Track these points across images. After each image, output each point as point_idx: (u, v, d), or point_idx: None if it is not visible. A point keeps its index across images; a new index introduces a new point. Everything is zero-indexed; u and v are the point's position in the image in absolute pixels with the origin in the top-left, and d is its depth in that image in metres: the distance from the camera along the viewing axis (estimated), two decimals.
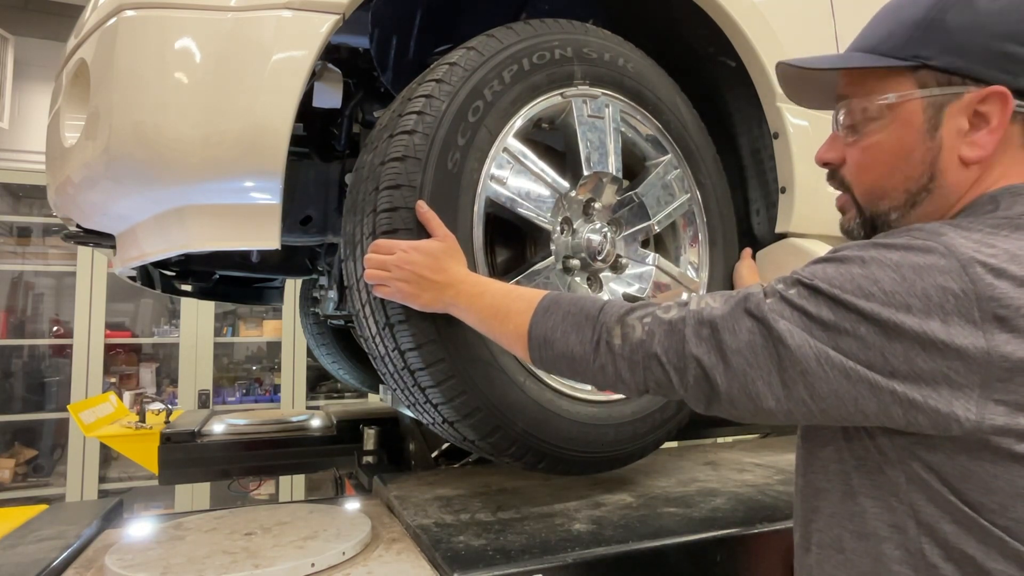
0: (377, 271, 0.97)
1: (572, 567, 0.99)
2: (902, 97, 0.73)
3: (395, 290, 0.97)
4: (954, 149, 0.71)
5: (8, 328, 3.75)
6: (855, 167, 0.78)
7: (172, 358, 3.92)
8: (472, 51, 1.11)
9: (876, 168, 0.76)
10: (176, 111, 1.01)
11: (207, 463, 2.07)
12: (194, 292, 1.97)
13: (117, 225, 1.22)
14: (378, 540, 1.14)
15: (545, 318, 0.81)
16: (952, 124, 0.71)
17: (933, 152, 0.72)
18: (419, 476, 1.56)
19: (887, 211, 0.76)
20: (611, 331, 0.74)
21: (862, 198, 0.78)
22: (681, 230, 1.38)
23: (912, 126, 0.72)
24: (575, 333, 0.78)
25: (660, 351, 0.70)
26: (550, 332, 0.80)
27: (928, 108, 0.72)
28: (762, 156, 1.49)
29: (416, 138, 1.04)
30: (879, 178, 0.76)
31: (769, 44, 1.38)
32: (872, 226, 0.78)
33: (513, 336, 0.85)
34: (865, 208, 0.78)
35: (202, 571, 0.97)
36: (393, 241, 0.98)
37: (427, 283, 0.95)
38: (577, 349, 0.77)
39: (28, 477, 3.72)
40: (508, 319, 0.86)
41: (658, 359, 0.70)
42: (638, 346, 0.72)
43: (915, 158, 0.73)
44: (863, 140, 0.76)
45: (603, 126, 1.23)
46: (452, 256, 0.98)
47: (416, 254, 0.96)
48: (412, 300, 0.97)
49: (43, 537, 1.18)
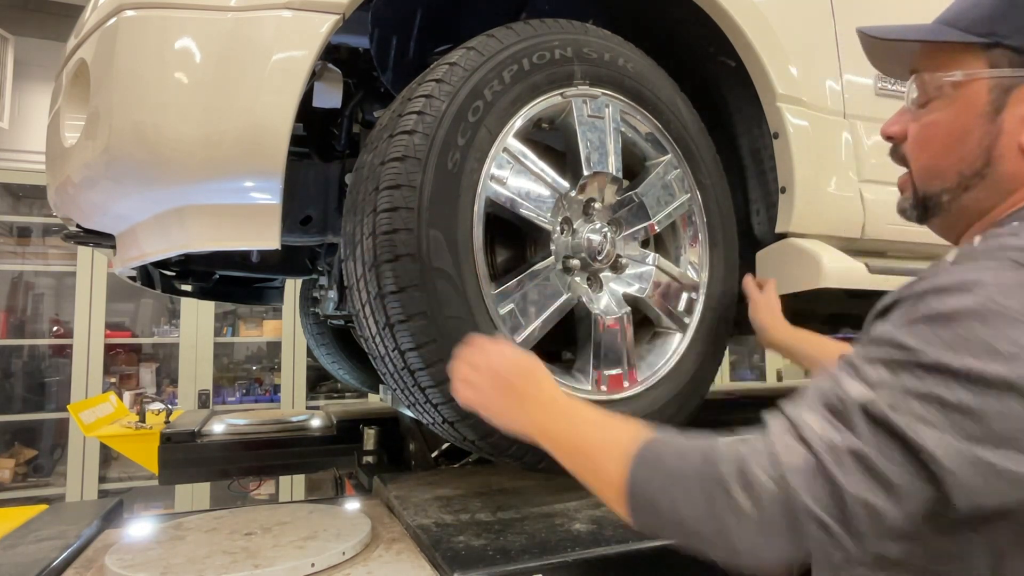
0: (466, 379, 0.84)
1: (572, 567, 0.99)
2: (968, 75, 0.69)
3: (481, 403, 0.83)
4: (1015, 136, 0.68)
5: (8, 328, 3.74)
6: (913, 143, 0.75)
7: (172, 358, 3.92)
8: (472, 51, 1.11)
9: (932, 146, 0.73)
10: (176, 111, 1.01)
11: (207, 463, 2.08)
12: (194, 292, 1.97)
13: (117, 225, 1.22)
14: (378, 540, 1.14)
15: (647, 475, 0.64)
16: (1017, 109, 0.67)
17: (991, 136, 0.69)
18: (419, 476, 1.56)
19: (939, 192, 0.73)
20: (731, 491, 0.57)
21: (917, 176, 0.75)
22: (681, 230, 1.38)
23: (973, 107, 0.69)
24: (684, 500, 0.60)
25: (811, 503, 0.54)
26: (655, 495, 0.63)
27: (994, 89, 0.68)
28: (762, 156, 1.49)
29: (416, 138, 1.04)
30: (934, 157, 0.73)
31: (769, 44, 1.38)
32: (924, 207, 0.75)
33: (607, 488, 0.68)
34: (919, 188, 0.75)
35: (202, 571, 0.97)
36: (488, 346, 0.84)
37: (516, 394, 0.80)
38: (691, 523, 0.59)
39: (28, 477, 3.72)
40: (598, 465, 0.69)
41: (812, 514, 0.54)
42: (776, 505, 0.55)
43: (971, 140, 0.70)
44: (925, 117, 0.74)
45: (603, 126, 1.23)
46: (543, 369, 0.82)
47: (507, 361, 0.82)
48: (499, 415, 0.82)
49: (43, 537, 1.18)
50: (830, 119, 1.48)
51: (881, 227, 1.49)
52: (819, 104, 1.47)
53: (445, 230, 1.04)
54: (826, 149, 1.45)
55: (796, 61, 1.43)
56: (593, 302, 1.21)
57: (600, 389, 1.19)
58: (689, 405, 1.31)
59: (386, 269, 1.02)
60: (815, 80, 1.47)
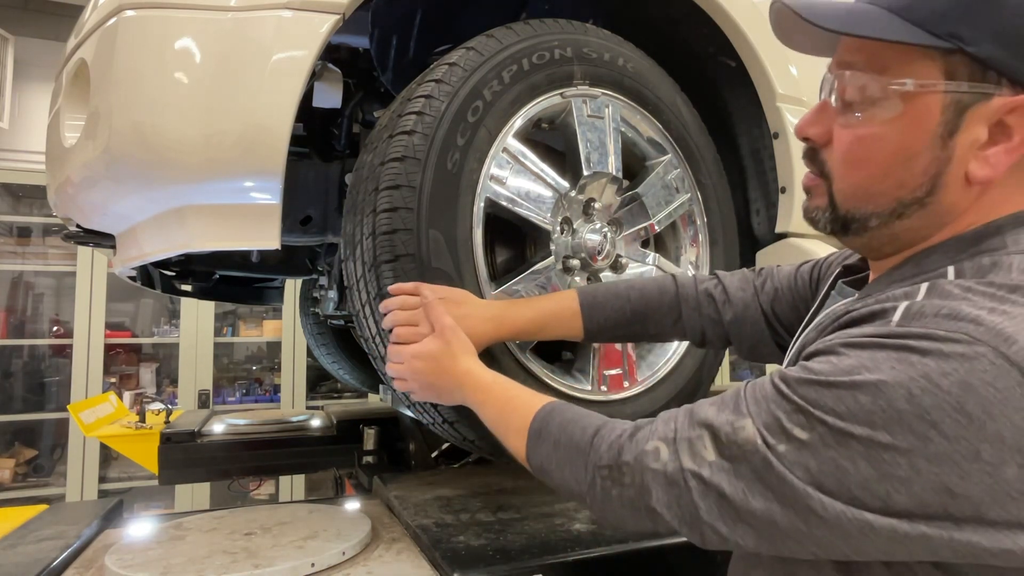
0: (398, 379, 0.95)
1: (572, 567, 0.99)
2: (922, 87, 0.57)
3: (420, 396, 0.95)
4: (963, 162, 0.58)
5: (8, 328, 3.74)
6: (842, 157, 0.63)
7: (172, 358, 3.92)
8: (471, 51, 1.11)
9: (867, 167, 0.62)
10: (176, 111, 1.01)
11: (207, 463, 2.08)
12: (194, 292, 1.97)
13: (117, 225, 1.22)
14: (378, 540, 1.14)
15: (538, 445, 0.73)
16: (970, 132, 0.57)
17: (940, 163, 0.58)
18: (419, 476, 1.56)
19: (867, 216, 0.63)
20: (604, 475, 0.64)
21: (841, 194, 0.64)
22: (681, 230, 1.38)
23: (924, 125, 0.58)
24: (568, 468, 0.68)
25: (663, 509, 0.58)
26: (545, 463, 0.72)
27: (949, 108, 0.57)
28: (762, 156, 1.49)
29: (416, 138, 1.04)
30: (869, 179, 0.62)
31: (769, 44, 1.38)
32: (844, 226, 0.65)
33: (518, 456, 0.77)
34: (841, 205, 0.64)
35: (202, 571, 0.97)
36: (399, 348, 0.94)
37: (438, 387, 0.91)
38: (574, 487, 0.68)
39: (28, 477, 3.72)
40: (508, 435, 0.79)
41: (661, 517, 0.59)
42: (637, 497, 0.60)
43: (917, 165, 0.59)
44: (860, 127, 0.61)
45: (603, 126, 1.23)
46: (453, 355, 0.90)
47: (418, 362, 0.91)
48: (439, 400, 0.93)
49: (43, 537, 1.18)
50: None
51: None
52: None
53: (445, 230, 1.04)
54: None
55: (796, 61, 1.43)
56: None
57: (600, 389, 1.19)
58: None
59: (386, 269, 1.02)
60: (815, 80, 1.47)
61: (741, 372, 4.93)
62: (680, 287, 1.03)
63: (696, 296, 1.02)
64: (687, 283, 1.03)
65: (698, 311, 1.01)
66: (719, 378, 3.44)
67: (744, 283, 1.00)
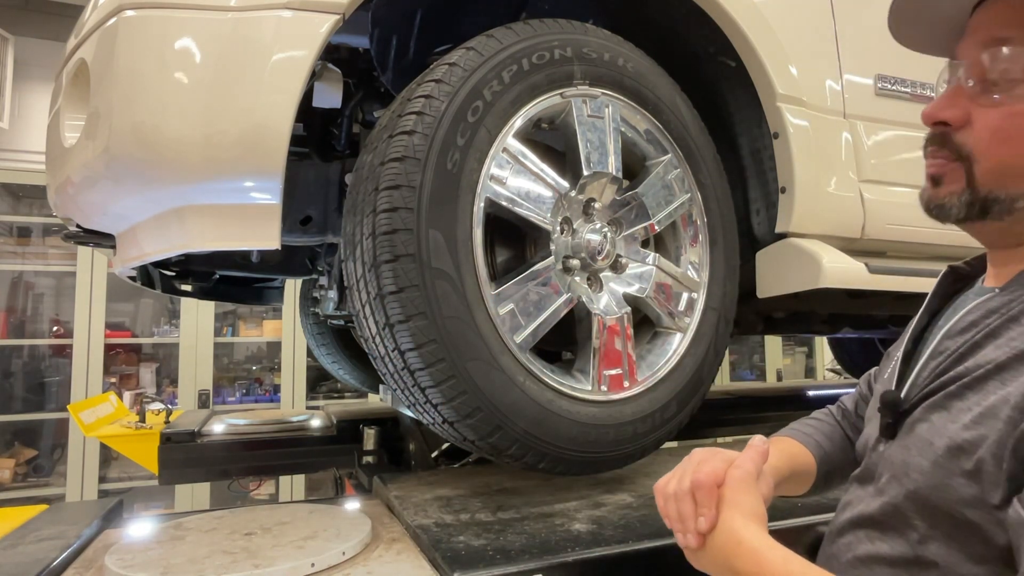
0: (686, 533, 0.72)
1: (572, 567, 0.99)
2: None
3: None
4: None
5: (8, 328, 3.75)
6: (990, 134, 0.62)
7: (172, 358, 3.92)
8: (471, 51, 1.11)
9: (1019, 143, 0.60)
10: (176, 111, 1.01)
11: (207, 463, 2.07)
12: (194, 292, 1.97)
13: (117, 225, 1.22)
14: (378, 540, 1.14)
15: None
16: None
17: None
18: (419, 476, 1.56)
19: (1015, 197, 0.61)
20: None
21: (986, 173, 0.62)
22: (681, 230, 1.38)
23: None
24: None
25: None
26: None
27: None
28: (762, 156, 1.49)
29: (415, 138, 1.04)
30: (1019, 156, 0.61)
31: (769, 44, 1.38)
32: (982, 209, 0.63)
33: None
34: (982, 186, 0.63)
35: (202, 571, 0.97)
36: (716, 497, 0.70)
37: None
38: None
39: (28, 477, 3.72)
40: None
41: None
42: None
43: None
44: (1015, 104, 0.60)
45: (603, 126, 1.23)
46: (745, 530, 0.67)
47: (739, 521, 0.67)
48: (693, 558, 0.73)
49: (43, 537, 1.18)
50: (830, 119, 1.48)
51: (881, 227, 1.49)
52: (819, 104, 1.47)
53: (445, 230, 1.04)
54: (826, 149, 1.45)
55: (796, 61, 1.43)
56: (593, 302, 1.21)
57: (600, 389, 1.19)
58: (689, 405, 1.31)
59: (386, 269, 1.02)
60: (815, 80, 1.47)
61: (741, 372, 4.94)
62: None
63: None
64: None
65: None
66: (719, 378, 3.44)
67: (842, 416, 0.99)
